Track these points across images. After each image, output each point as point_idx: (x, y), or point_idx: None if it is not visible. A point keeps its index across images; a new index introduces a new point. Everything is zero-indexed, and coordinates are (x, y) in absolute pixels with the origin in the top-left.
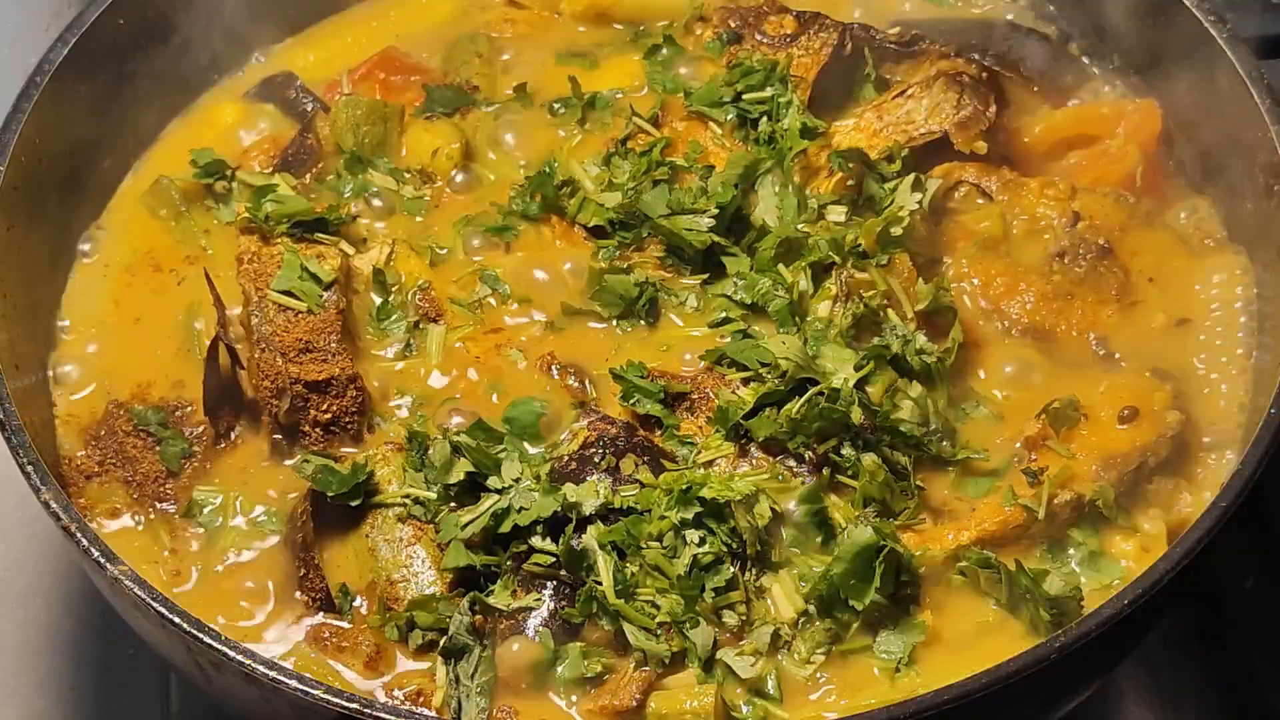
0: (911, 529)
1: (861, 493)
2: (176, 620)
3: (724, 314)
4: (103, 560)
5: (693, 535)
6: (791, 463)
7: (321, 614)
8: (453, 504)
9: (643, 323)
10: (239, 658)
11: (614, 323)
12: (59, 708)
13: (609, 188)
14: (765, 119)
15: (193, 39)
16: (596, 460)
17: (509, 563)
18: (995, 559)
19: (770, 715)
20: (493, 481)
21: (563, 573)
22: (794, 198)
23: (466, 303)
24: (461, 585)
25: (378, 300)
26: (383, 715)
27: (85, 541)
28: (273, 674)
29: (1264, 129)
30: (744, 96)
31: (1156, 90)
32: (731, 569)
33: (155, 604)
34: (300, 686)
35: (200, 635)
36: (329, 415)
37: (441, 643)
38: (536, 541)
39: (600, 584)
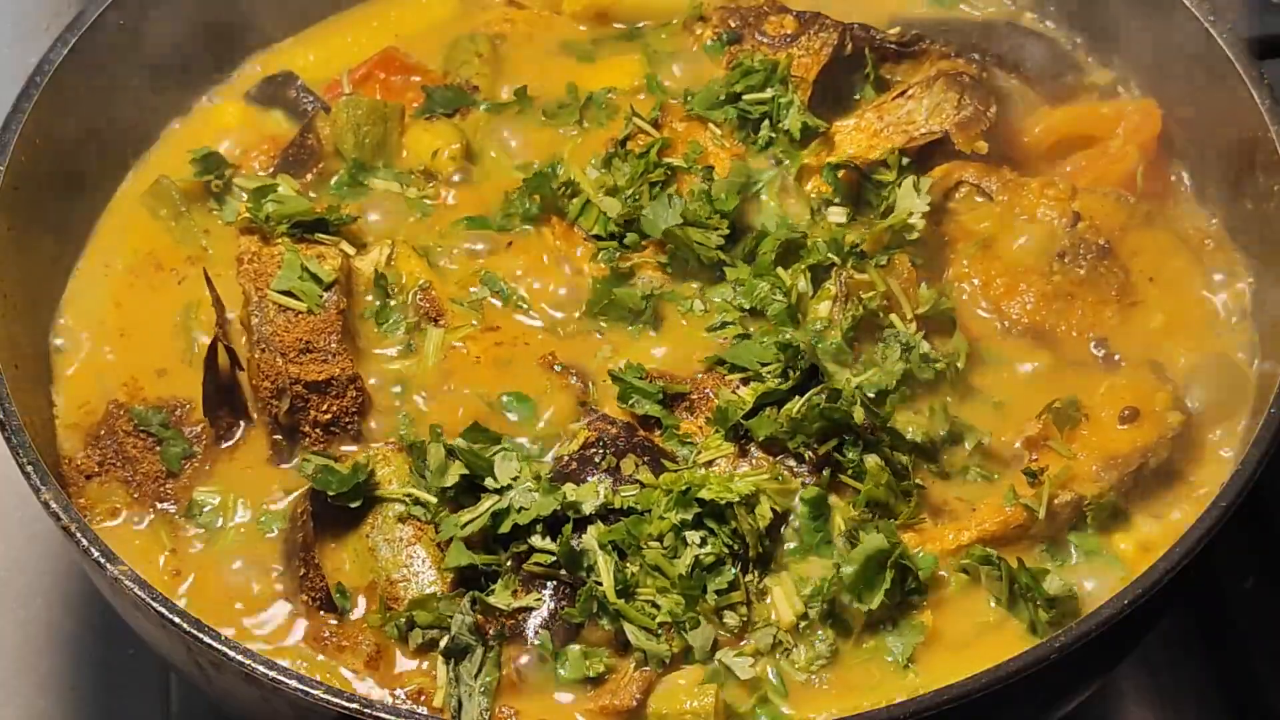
0: (912, 528)
1: (866, 496)
2: (176, 620)
3: (722, 318)
4: (103, 560)
5: (693, 536)
6: (792, 463)
7: (321, 614)
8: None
9: (651, 332)
10: (239, 658)
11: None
12: (59, 708)
13: (610, 192)
14: (766, 120)
15: (192, 39)
16: (597, 460)
17: (509, 562)
18: (996, 556)
19: (774, 714)
20: (490, 482)
21: (563, 572)
22: (798, 209)
23: (467, 302)
24: (462, 585)
25: (378, 301)
26: (383, 715)
27: (85, 541)
28: (273, 674)
29: (1264, 129)
30: (744, 97)
31: (1156, 90)
32: (734, 570)
33: (155, 604)
34: (300, 686)
35: (200, 635)
36: (329, 415)
37: (443, 642)
38: (536, 541)
39: (600, 584)
